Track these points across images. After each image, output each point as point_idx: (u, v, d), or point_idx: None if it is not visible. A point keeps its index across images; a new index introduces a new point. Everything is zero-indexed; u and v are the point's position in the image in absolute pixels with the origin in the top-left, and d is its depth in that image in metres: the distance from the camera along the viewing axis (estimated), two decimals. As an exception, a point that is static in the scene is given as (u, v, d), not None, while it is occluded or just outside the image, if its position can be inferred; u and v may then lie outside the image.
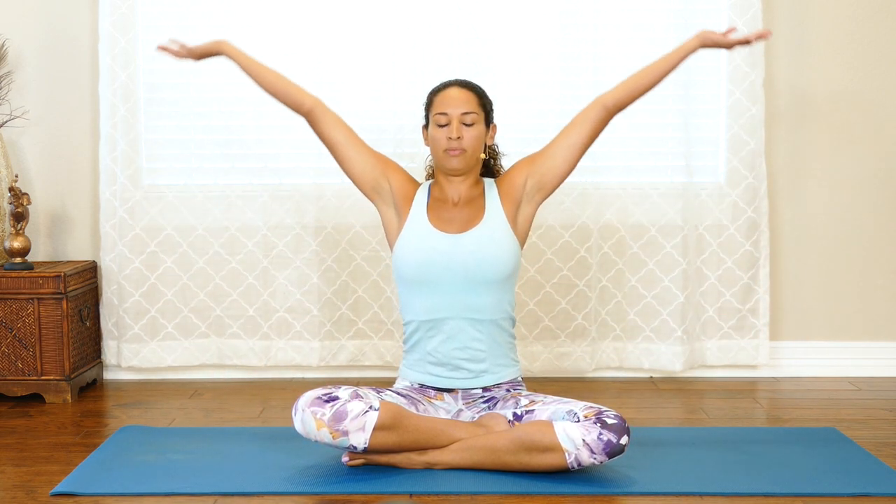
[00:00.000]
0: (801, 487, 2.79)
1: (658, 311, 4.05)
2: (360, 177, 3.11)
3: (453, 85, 3.08)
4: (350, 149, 3.11)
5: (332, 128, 3.11)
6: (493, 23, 3.98)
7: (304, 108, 3.11)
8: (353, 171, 3.11)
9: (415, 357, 3.08)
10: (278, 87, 3.13)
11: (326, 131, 3.11)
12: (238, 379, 4.12)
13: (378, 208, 3.14)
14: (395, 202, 3.10)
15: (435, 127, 3.05)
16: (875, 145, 4.10)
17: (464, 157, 3.03)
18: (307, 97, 3.12)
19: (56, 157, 4.11)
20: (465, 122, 3.02)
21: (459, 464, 2.88)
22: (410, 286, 3.05)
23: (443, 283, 3.00)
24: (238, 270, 4.07)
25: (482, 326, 3.02)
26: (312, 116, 3.11)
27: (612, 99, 3.07)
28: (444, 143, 3.02)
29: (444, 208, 3.08)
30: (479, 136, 3.05)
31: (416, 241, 3.03)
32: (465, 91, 3.06)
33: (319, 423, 2.77)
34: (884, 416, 3.55)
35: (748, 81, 3.96)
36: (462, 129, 3.02)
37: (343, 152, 3.11)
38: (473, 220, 3.06)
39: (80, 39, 4.05)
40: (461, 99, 3.04)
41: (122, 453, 3.09)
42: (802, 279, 4.15)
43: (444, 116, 3.02)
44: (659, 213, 4.03)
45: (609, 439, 2.76)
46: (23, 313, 3.75)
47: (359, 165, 3.11)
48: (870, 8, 4.05)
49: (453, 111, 3.02)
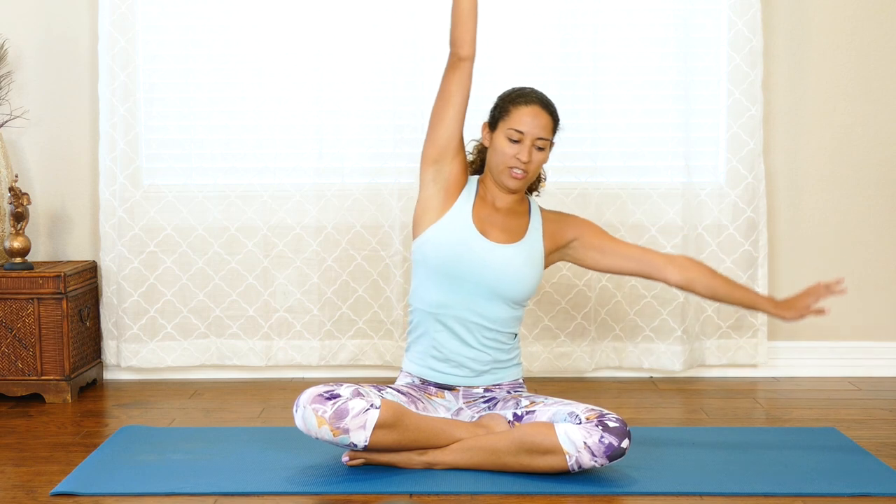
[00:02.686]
0: (801, 487, 2.79)
1: (658, 310, 4.05)
2: (440, 139, 2.99)
3: (536, 103, 2.99)
4: (454, 110, 2.98)
5: (461, 85, 2.97)
6: (493, 23, 3.98)
7: (464, 51, 2.95)
8: (439, 130, 2.99)
9: (418, 349, 3.07)
10: (471, 16, 2.96)
11: (456, 83, 2.96)
12: (238, 379, 4.12)
13: (423, 181, 3.04)
14: (445, 184, 3.02)
15: (504, 138, 2.97)
16: (874, 146, 4.10)
17: (524, 180, 2.99)
18: (474, 46, 2.97)
19: (56, 157, 4.11)
20: (537, 145, 2.97)
21: (459, 464, 2.88)
22: (431, 275, 3.01)
23: (465, 283, 2.98)
24: (238, 271, 4.07)
25: (490, 333, 3.02)
26: (461, 63, 2.95)
27: (688, 279, 3.05)
28: (509, 161, 2.96)
29: (487, 211, 3.04)
30: (544, 161, 3.02)
31: (454, 234, 2.99)
32: (546, 115, 2.98)
33: (320, 420, 2.77)
34: (884, 416, 3.55)
35: (748, 81, 3.96)
36: (532, 153, 2.97)
37: (448, 109, 2.98)
38: (514, 235, 3.03)
39: (79, 39, 4.05)
40: (541, 124, 2.97)
41: (122, 453, 3.09)
42: (801, 279, 4.14)
43: (519, 134, 2.95)
44: (659, 213, 4.04)
45: (610, 443, 2.76)
46: (23, 313, 3.75)
47: (448, 130, 2.99)
48: (870, 8, 4.05)
49: (530, 132, 2.95)
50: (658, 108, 4.01)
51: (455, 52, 2.96)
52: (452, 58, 2.97)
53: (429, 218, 3.03)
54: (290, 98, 4.02)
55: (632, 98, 4.02)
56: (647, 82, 4.02)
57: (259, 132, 4.03)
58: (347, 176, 4.05)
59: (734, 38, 3.95)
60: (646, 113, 4.02)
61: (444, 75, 2.99)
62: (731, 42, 3.96)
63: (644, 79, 4.02)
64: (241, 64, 4.01)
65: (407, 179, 4.01)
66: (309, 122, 4.02)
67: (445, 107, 2.99)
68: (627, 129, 4.00)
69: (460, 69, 2.96)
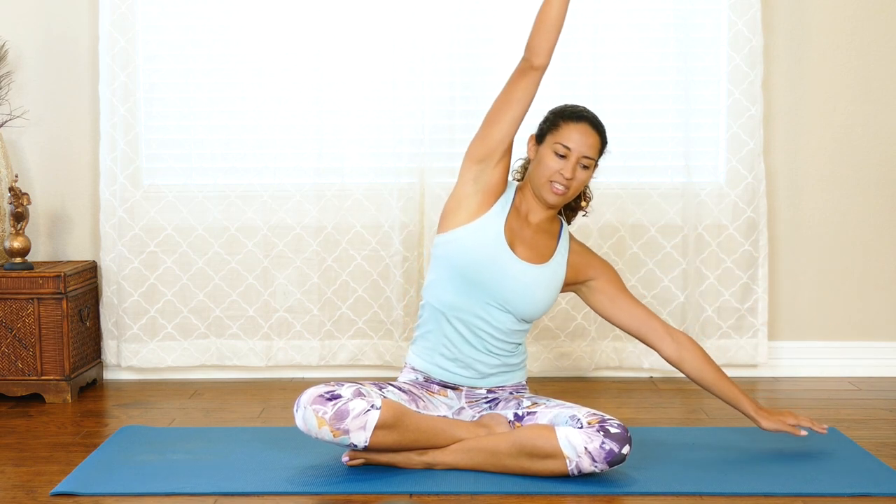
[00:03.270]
0: (801, 487, 2.79)
1: (658, 310, 4.05)
2: (491, 140, 2.96)
3: (586, 121, 2.97)
4: (512, 115, 2.94)
5: (527, 92, 2.92)
6: (493, 23, 3.98)
7: (540, 60, 2.89)
8: (492, 130, 2.96)
9: (426, 345, 3.06)
10: (556, 27, 2.89)
11: (522, 89, 2.92)
12: (238, 379, 4.12)
13: (463, 177, 3.00)
14: (485, 187, 2.99)
15: (550, 152, 2.95)
16: (874, 145, 4.10)
17: (564, 197, 2.97)
18: (550, 57, 2.92)
19: (56, 157, 4.11)
20: (582, 163, 2.95)
21: (459, 465, 2.89)
22: (449, 274, 2.99)
23: (481, 292, 2.97)
24: (238, 271, 4.07)
25: (495, 341, 3.02)
26: (533, 71, 2.90)
27: (681, 358, 3.07)
28: (552, 175, 2.94)
29: (519, 224, 3.02)
30: (587, 181, 3.00)
31: (483, 240, 2.97)
32: (595, 134, 2.97)
33: (321, 420, 2.77)
34: (884, 416, 3.55)
35: (748, 81, 3.96)
36: (576, 170, 2.95)
37: (507, 113, 2.93)
38: (540, 256, 3.02)
39: (79, 39, 4.05)
40: (589, 142, 2.95)
41: (122, 453, 3.09)
42: (801, 279, 4.15)
43: (565, 149, 2.93)
44: (659, 213, 4.04)
45: (611, 448, 2.76)
46: (23, 313, 3.75)
47: (501, 132, 2.95)
48: (870, 8, 4.05)
49: (577, 149, 2.93)
50: (658, 108, 4.02)
51: (530, 59, 2.90)
52: (525, 63, 2.91)
53: (461, 217, 3.00)
54: (290, 98, 4.02)
55: (632, 98, 4.03)
56: (647, 82, 4.02)
57: (259, 132, 4.03)
58: (347, 176, 4.05)
59: (734, 38, 3.95)
60: (646, 113, 4.03)
61: (511, 78, 2.95)
62: (730, 42, 3.96)
63: (644, 79, 4.02)
64: (241, 64, 4.01)
65: (407, 179, 4.02)
66: (309, 122, 4.02)
67: (506, 109, 2.95)
68: (627, 129, 4.00)
69: (530, 77, 2.92)
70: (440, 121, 4.00)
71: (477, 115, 3.95)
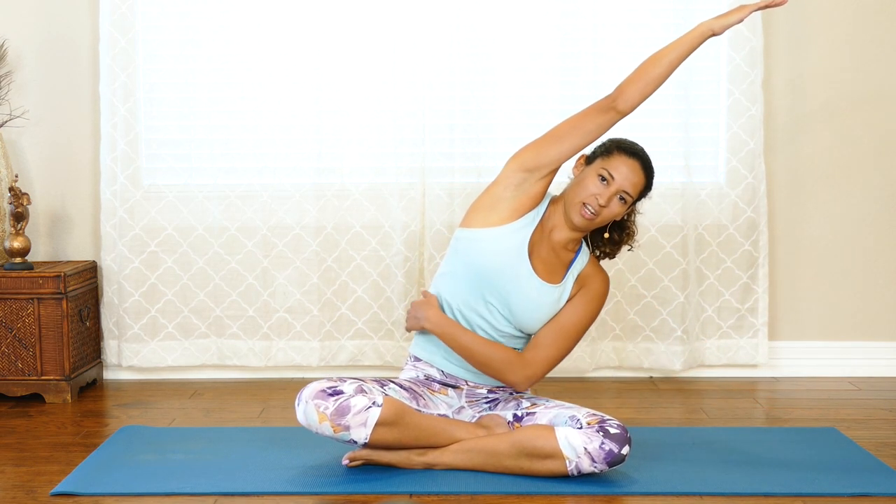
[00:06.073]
0: (801, 487, 2.79)
1: (658, 310, 4.05)
2: (545, 156, 2.94)
3: (639, 159, 2.97)
4: (575, 142, 2.92)
5: (600, 128, 2.91)
6: (493, 23, 3.98)
7: (625, 106, 2.89)
8: (551, 147, 2.94)
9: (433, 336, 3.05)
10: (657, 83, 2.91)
11: (597, 124, 2.91)
12: (238, 379, 4.12)
13: (507, 180, 2.99)
14: (524, 197, 2.99)
15: (594, 175, 2.94)
16: (874, 145, 4.10)
17: (591, 223, 2.96)
18: (636, 108, 2.93)
19: (56, 157, 4.11)
20: (621, 195, 2.94)
21: (459, 465, 2.89)
22: (465, 270, 2.99)
23: (493, 294, 2.97)
24: (238, 271, 4.07)
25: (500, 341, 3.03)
26: (614, 113, 2.90)
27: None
28: (587, 197, 2.93)
29: (542, 242, 3.02)
30: (618, 215, 2.98)
31: (507, 246, 2.97)
32: (642, 175, 2.97)
33: (322, 416, 2.77)
34: (884, 416, 3.55)
35: (748, 81, 3.96)
36: (612, 201, 2.94)
37: (572, 139, 2.93)
38: (553, 275, 3.01)
39: (80, 39, 4.05)
40: (633, 180, 2.95)
41: (122, 453, 3.09)
42: (801, 279, 4.15)
43: (609, 176, 2.93)
44: (659, 212, 4.03)
45: (611, 449, 2.77)
46: (23, 313, 3.75)
47: (559, 153, 2.93)
48: (870, 8, 4.05)
49: (620, 181, 2.93)
50: (658, 108, 4.01)
51: (615, 102, 2.89)
52: (609, 102, 2.90)
53: (492, 218, 2.99)
54: (290, 98, 4.02)
55: (632, 98, 4.02)
56: (647, 82, 4.02)
57: (259, 132, 4.03)
58: (347, 176, 4.05)
59: (734, 39, 3.95)
60: (646, 113, 4.01)
61: (590, 109, 2.94)
62: (731, 42, 3.96)
63: (644, 79, 4.02)
64: (240, 64, 4.01)
65: (407, 179, 4.02)
66: (309, 122, 4.02)
67: (572, 134, 2.94)
68: (627, 129, 3.98)
69: (608, 116, 2.91)
70: (440, 121, 4.00)
71: (477, 115, 3.99)
